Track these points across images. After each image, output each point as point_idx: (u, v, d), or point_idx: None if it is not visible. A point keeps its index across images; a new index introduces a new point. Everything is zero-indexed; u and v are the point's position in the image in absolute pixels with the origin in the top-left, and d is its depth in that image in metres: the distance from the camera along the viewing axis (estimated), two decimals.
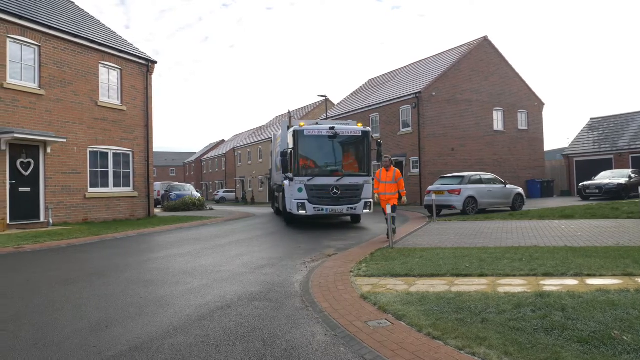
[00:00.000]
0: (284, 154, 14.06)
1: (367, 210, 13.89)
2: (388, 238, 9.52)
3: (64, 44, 15.94)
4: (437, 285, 5.76)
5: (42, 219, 14.84)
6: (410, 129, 27.14)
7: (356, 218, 15.44)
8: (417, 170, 26.48)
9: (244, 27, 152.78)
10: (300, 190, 13.53)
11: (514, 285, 5.57)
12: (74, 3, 21.29)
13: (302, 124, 14.23)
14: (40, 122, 14.91)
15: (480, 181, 17.91)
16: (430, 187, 18.23)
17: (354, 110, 31.93)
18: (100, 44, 17.18)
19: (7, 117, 13.95)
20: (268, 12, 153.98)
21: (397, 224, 11.89)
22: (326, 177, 13.73)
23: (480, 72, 28.49)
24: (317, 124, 14.88)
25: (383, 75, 38.28)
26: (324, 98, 37.93)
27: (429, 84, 26.65)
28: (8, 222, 13.69)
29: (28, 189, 14.52)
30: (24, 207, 14.39)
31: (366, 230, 13.29)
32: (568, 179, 31.42)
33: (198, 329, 4.45)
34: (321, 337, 4.22)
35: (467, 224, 13.63)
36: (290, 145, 14.11)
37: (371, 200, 13.84)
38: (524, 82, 30.60)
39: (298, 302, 5.38)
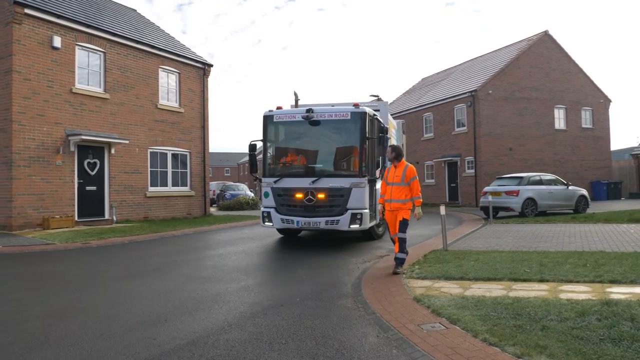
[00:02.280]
0: (251, 148, 10.66)
1: (355, 226, 9.53)
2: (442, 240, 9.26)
3: (127, 49, 16.76)
4: (493, 290, 5.56)
5: (106, 216, 15.67)
6: (465, 128, 26.41)
7: (368, 234, 10.92)
8: (473, 170, 25.72)
9: (295, 29, 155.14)
10: (266, 195, 10.29)
11: (578, 292, 5.29)
12: (135, 10, 22.35)
13: (279, 107, 10.92)
14: (105, 125, 15.76)
15: (540, 182, 17.14)
16: (486, 188, 17.65)
17: (406, 110, 31.49)
18: (160, 49, 17.93)
19: (76, 120, 14.85)
20: (319, 13, 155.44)
21: (448, 226, 10.87)
22: (298, 177, 10.05)
23: (540, 68, 27.26)
24: (311, 110, 10.23)
25: (437, 73, 37.50)
26: (376, 97, 37.68)
27: (486, 81, 25.82)
28: (76, 219, 14.57)
29: (94, 188, 15.39)
30: (90, 205, 15.26)
31: (418, 232, 13.05)
32: (638, 181, 29.43)
33: (252, 326, 4.54)
34: (373, 338, 4.18)
35: (526, 226, 13.08)
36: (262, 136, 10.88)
37: (365, 211, 9.64)
38: (588, 78, 28.98)
39: (350, 303, 5.36)
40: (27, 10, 13.52)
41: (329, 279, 6.73)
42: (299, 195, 9.77)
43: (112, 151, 15.86)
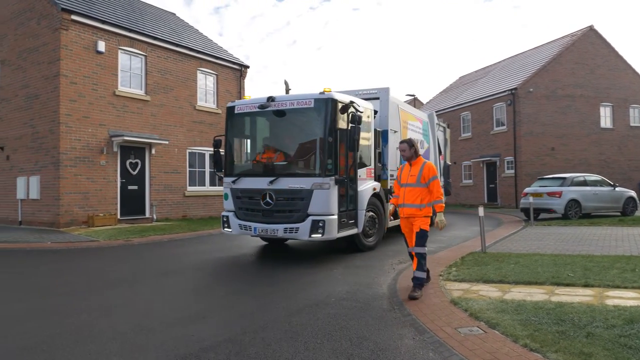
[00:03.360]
0: (215, 143, 9.33)
1: (317, 235, 7.87)
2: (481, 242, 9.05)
3: (167, 52, 17.22)
4: (534, 294, 5.39)
5: (147, 214, 16.14)
6: (504, 127, 25.74)
7: (352, 244, 9.14)
8: (512, 171, 25.04)
9: (330, 29, 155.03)
10: (225, 197, 9.01)
11: (626, 299, 5.05)
12: (175, 14, 22.93)
13: (246, 97, 9.72)
14: (146, 126, 16.24)
15: (584, 183, 16.48)
16: (527, 189, 17.12)
17: (443, 109, 30.98)
18: (198, 52, 18.33)
19: (119, 121, 15.37)
20: (354, 12, 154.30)
21: (486, 228, 9.99)
22: (256, 177, 8.66)
23: (584, 64, 26.25)
24: (272, 99, 8.62)
25: (475, 71, 36.72)
26: (412, 97, 37.26)
27: (526, 79, 25.08)
28: (118, 217, 15.08)
29: (135, 187, 15.89)
30: (132, 204, 15.76)
31: (455, 233, 12.81)
32: None
33: (287, 325, 4.57)
34: (409, 340, 4.13)
35: (569, 229, 12.61)
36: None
37: (329, 217, 7.88)
38: (637, 74, 27.67)
39: (385, 304, 5.32)
40: (73, 17, 14.10)
41: (364, 280, 6.69)
42: (257, 198, 8.32)
43: (153, 151, 16.32)
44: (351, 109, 8.36)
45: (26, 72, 15.36)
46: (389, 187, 10.27)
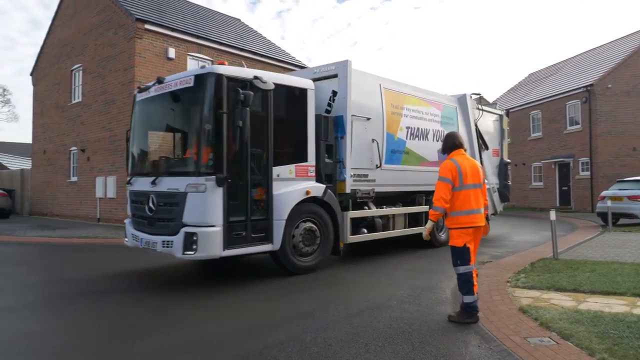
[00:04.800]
0: (127, 138, 7.86)
1: (190, 252, 6.03)
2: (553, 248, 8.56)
3: (233, 57, 17.77)
4: (613, 305, 5.02)
5: None
6: (579, 126, 24.24)
7: (281, 265, 7.13)
8: (588, 172, 23.51)
9: (391, 29, 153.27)
10: (128, 200, 7.63)
11: None
12: (239, 20, 23.67)
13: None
14: None
15: None
16: (604, 192, 15.99)
17: (510, 108, 29.61)
18: (262, 55, 18.79)
19: None
20: (416, 11, 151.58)
21: (559, 233, 9.40)
22: (143, 176, 7.15)
23: None
24: (161, 80, 7.20)
25: (546, 68, 34.87)
26: (478, 96, 36.02)
27: (604, 74, 23.47)
28: None
29: None
30: None
31: (524, 238, 12.22)
32: None
33: (348, 326, 4.56)
34: (474, 348, 3.98)
35: None
36: None
37: (206, 229, 6.02)
38: None
39: (449, 309, 5.17)
40: (147, 26, 14.95)
41: (427, 283, 6.55)
42: (143, 202, 6.90)
43: None
44: (249, 88, 6.35)
45: (105, 79, 16.46)
46: (349, 191, 7.95)
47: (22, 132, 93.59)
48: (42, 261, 5.57)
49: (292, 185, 7.01)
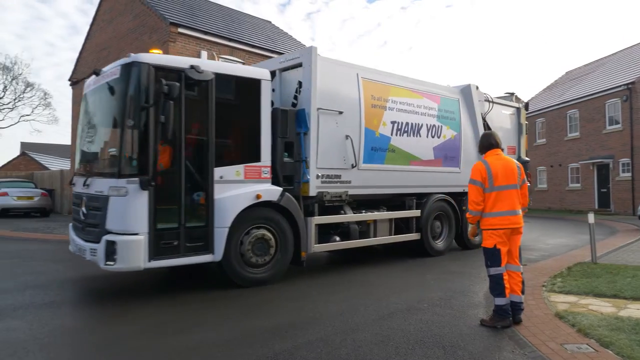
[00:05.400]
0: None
1: (111, 263, 5.42)
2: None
3: (262, 59, 17.93)
4: None
5: None
6: (619, 126, 23.35)
7: (231, 276, 6.35)
8: (629, 174, 22.60)
9: (422, 28, 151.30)
10: None
11: None
12: (270, 22, 23.87)
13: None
14: None
15: None
16: None
17: (546, 108, 28.88)
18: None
19: None
20: (447, 10, 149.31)
21: (598, 237, 8.83)
22: (80, 177, 6.59)
23: None
24: (98, 72, 6.49)
25: (584, 65, 33.74)
26: (511, 94, 35.19)
27: None
28: None
29: None
30: None
31: (561, 241, 11.85)
32: None
33: (378, 328, 4.53)
34: (507, 353, 3.89)
35: None
36: None
37: (126, 238, 5.42)
38: None
39: (482, 313, 5.06)
40: (180, 30, 15.26)
41: (459, 287, 6.43)
42: (79, 205, 6.33)
43: None
44: (182, 77, 5.77)
45: None
46: (314, 194, 7.08)
47: (61, 134, 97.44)
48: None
49: (239, 189, 6.22)
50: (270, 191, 6.50)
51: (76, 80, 22.56)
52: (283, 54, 18.37)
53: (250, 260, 6.33)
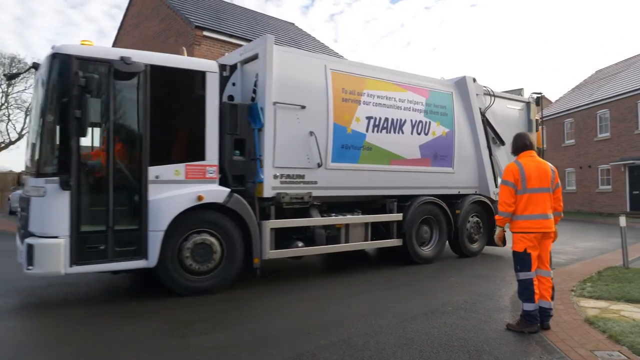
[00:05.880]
0: None
1: (31, 268, 5.13)
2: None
3: None
4: None
5: None
6: None
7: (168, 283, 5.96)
8: None
9: (446, 28, 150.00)
10: None
11: None
12: (293, 24, 23.99)
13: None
14: None
15: None
16: None
17: (575, 108, 28.17)
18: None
19: None
20: (472, 9, 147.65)
21: (629, 240, 8.47)
22: (25, 176, 6.38)
23: None
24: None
25: (615, 64, 32.78)
26: (539, 95, 34.48)
27: None
28: None
29: None
30: None
31: (590, 244, 11.54)
32: None
33: (401, 331, 4.49)
34: (535, 359, 3.80)
35: None
36: None
37: (43, 241, 5.12)
38: None
39: (508, 317, 4.96)
40: (205, 33, 15.47)
41: (484, 290, 6.32)
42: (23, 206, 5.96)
43: None
44: (117, 70, 5.47)
45: None
46: (269, 195, 6.57)
47: None
48: None
49: (178, 189, 5.78)
50: (215, 192, 6.02)
51: None
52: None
53: (190, 267, 5.86)
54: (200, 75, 6.12)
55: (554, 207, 4.63)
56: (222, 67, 6.65)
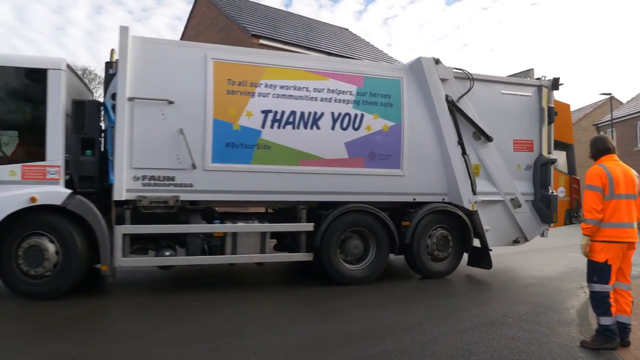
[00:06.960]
0: None
1: None
2: None
3: None
4: None
5: None
6: None
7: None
8: None
9: (504, 29, 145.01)
10: None
11: None
12: (347, 29, 24.06)
13: None
14: None
15: None
16: None
17: None
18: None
19: None
20: (532, 8, 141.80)
21: None
22: None
23: None
24: None
25: None
26: (609, 96, 32.49)
27: None
28: None
29: None
30: None
31: None
32: None
33: (458, 341, 4.35)
34: None
35: None
36: None
37: None
38: None
39: (574, 332, 4.69)
40: (261, 41, 15.82)
41: (547, 302, 6.01)
42: None
43: None
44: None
45: None
46: (120, 198, 5.98)
47: None
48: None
49: (12, 190, 5.57)
50: (51, 194, 5.68)
51: None
52: (361, 59, 18.42)
53: (26, 271, 5.63)
54: (43, 73, 5.87)
55: (638, 217, 4.30)
56: (108, 65, 6.35)
